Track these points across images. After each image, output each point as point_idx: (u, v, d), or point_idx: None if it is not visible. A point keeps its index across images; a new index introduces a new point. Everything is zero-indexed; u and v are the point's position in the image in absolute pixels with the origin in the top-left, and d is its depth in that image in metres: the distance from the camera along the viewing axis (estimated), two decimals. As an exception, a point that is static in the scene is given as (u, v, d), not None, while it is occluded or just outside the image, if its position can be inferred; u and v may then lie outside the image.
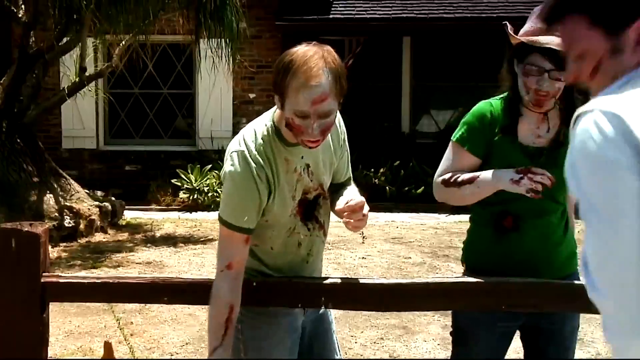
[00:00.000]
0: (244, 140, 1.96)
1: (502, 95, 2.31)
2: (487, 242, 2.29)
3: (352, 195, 2.03)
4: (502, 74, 2.32)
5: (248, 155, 1.93)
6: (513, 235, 2.24)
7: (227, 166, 1.95)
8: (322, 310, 2.17)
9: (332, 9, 10.33)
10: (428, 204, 8.03)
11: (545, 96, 2.19)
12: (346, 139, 2.18)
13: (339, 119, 2.09)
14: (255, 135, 1.97)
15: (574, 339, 2.37)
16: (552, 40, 2.15)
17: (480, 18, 9.84)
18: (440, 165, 2.33)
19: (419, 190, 9.50)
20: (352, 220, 1.95)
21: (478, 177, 2.21)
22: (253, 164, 1.92)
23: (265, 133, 1.97)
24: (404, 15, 10.12)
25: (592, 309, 2.07)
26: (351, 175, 2.24)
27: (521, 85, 2.23)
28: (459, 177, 2.24)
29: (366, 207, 1.97)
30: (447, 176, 2.27)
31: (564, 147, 2.22)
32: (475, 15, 9.74)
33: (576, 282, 2.09)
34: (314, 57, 1.87)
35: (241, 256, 1.94)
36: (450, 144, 2.33)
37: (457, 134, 2.31)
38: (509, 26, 2.29)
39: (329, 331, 2.21)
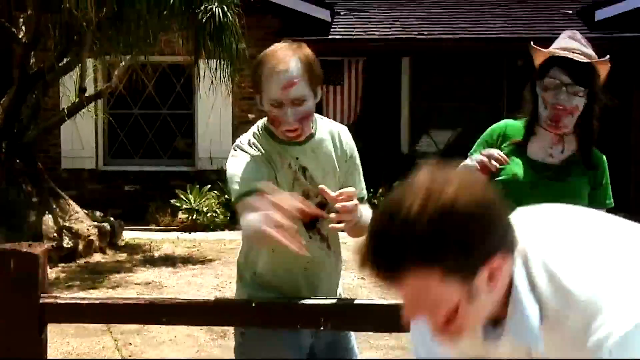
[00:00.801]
0: (239, 138, 2.12)
1: (522, 119, 2.37)
2: None
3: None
4: (525, 96, 2.37)
5: (242, 144, 2.07)
6: None
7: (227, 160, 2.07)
8: (338, 335, 2.15)
9: (331, 29, 10.41)
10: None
11: (562, 110, 2.22)
12: (356, 156, 2.22)
13: (346, 136, 2.17)
14: (249, 133, 2.11)
15: None
16: (572, 53, 2.22)
17: (480, 39, 9.92)
18: None
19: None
20: (342, 207, 1.87)
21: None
22: (247, 148, 2.05)
23: (257, 131, 2.10)
24: (403, 35, 10.21)
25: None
26: (365, 195, 2.22)
27: (540, 103, 2.27)
28: None
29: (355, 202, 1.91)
30: None
31: (575, 165, 2.32)
32: (474, 36, 9.82)
33: None
34: (282, 48, 1.99)
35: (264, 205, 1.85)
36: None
37: (472, 150, 2.40)
38: (532, 43, 2.35)
39: (346, 357, 2.19)
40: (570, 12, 10.86)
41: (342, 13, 11.03)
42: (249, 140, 2.08)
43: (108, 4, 7.07)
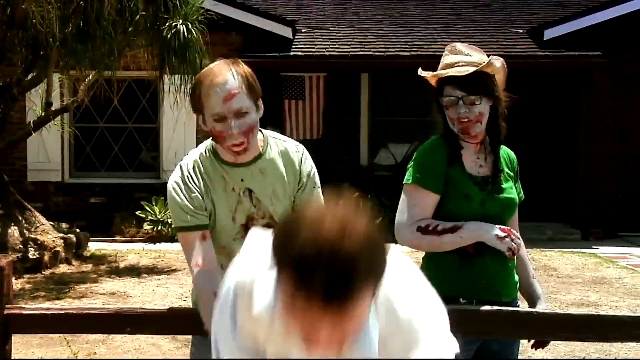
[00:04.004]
0: (186, 157, 2.10)
1: (438, 135, 2.35)
2: (452, 269, 2.26)
3: None
4: (434, 115, 2.37)
5: (183, 165, 2.05)
6: (477, 260, 2.26)
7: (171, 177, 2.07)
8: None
9: (293, 46, 10.61)
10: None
11: (467, 121, 2.24)
12: (314, 173, 2.14)
13: (302, 154, 2.11)
14: (196, 152, 2.10)
15: (517, 353, 2.45)
16: (454, 69, 2.25)
17: (435, 56, 10.18)
18: (405, 211, 2.27)
19: (377, 221, 9.74)
20: None
21: (461, 227, 2.20)
22: (185, 171, 2.03)
23: (203, 151, 2.08)
24: (362, 52, 10.43)
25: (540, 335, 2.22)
26: None
27: (448, 121, 2.29)
28: (438, 225, 2.22)
29: None
30: (423, 223, 2.23)
31: (502, 173, 2.33)
32: (430, 53, 10.13)
33: (523, 309, 2.20)
34: (217, 65, 1.98)
35: (205, 254, 1.96)
36: (407, 188, 2.30)
37: (410, 176, 2.28)
38: (420, 70, 2.38)
39: None
40: (521, 31, 11.20)
41: (303, 30, 11.25)
42: (194, 161, 2.06)
43: (73, 20, 7.17)
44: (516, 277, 2.39)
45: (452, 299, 2.15)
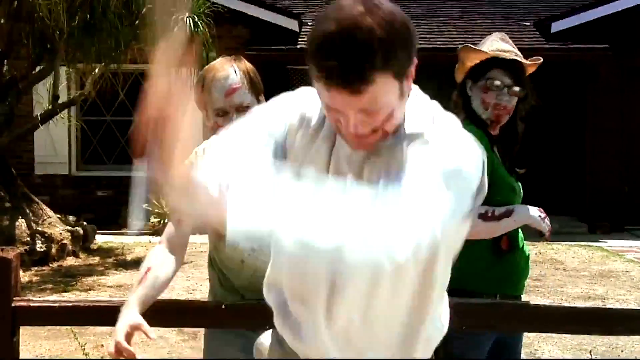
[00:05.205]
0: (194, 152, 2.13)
1: (468, 123, 2.22)
2: (483, 266, 2.24)
3: None
4: (454, 98, 2.32)
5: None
6: (509, 256, 2.25)
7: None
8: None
9: (299, 39, 10.61)
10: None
11: (503, 110, 2.23)
12: None
13: None
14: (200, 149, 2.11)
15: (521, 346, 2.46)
16: (513, 53, 2.23)
17: (441, 49, 10.19)
18: None
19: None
20: None
21: (513, 210, 2.19)
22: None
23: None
24: (369, 45, 10.45)
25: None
26: None
27: (477, 105, 2.25)
28: (494, 210, 2.17)
29: None
30: (482, 209, 2.17)
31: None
32: (437, 46, 10.14)
33: (529, 302, 2.18)
34: (219, 61, 2.03)
35: (176, 238, 1.98)
36: None
37: None
38: (470, 45, 2.34)
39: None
40: (528, 24, 11.20)
41: (310, 23, 11.21)
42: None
43: (80, 14, 7.20)
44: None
45: (477, 294, 2.18)
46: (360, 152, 1.30)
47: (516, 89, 2.22)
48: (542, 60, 2.30)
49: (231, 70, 1.97)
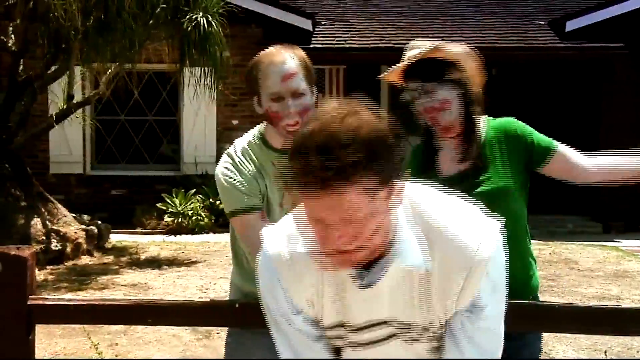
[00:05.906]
0: (233, 144, 2.11)
1: (414, 146, 2.24)
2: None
3: None
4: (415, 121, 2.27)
5: (235, 152, 2.06)
6: None
7: (219, 167, 2.08)
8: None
9: (313, 38, 10.63)
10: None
11: (432, 109, 2.16)
12: None
13: None
14: (243, 140, 2.11)
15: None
16: (408, 59, 2.17)
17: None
18: None
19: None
20: None
21: None
22: (236, 157, 2.05)
23: (252, 139, 2.10)
24: (382, 45, 10.41)
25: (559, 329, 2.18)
26: None
27: (420, 119, 2.21)
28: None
29: None
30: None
31: (488, 151, 2.19)
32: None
33: (543, 302, 2.15)
34: (275, 47, 2.04)
35: None
36: None
37: None
38: (382, 76, 2.30)
39: None
40: (542, 22, 11.11)
41: (323, 23, 11.26)
42: (243, 148, 2.07)
43: (95, 13, 7.22)
44: (533, 275, 2.35)
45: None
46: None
47: (428, 85, 2.14)
48: (433, 46, 2.17)
49: (288, 56, 1.99)
